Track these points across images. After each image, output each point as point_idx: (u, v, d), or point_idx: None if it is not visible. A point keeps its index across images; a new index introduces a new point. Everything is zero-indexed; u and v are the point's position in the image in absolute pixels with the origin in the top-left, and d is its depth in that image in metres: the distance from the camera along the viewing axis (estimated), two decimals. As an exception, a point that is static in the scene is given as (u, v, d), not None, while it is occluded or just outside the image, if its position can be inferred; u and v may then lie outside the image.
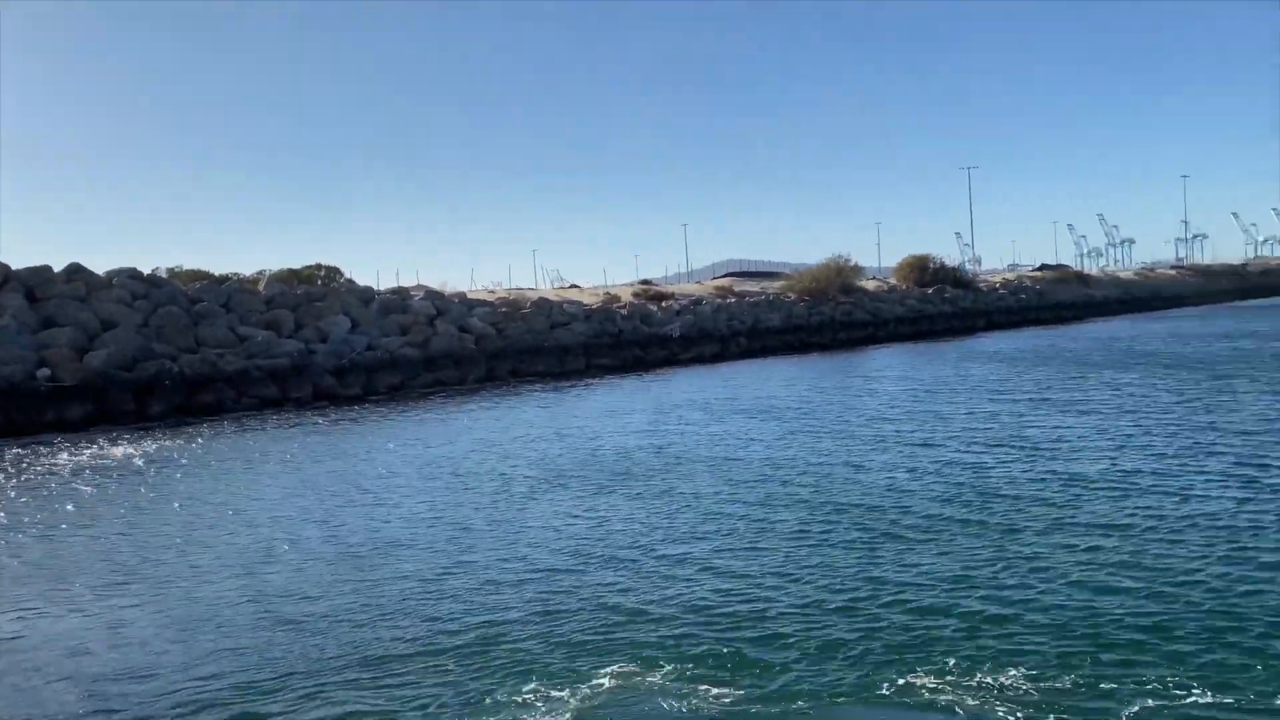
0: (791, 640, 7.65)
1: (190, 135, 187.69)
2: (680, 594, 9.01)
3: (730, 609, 8.48)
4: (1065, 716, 6.13)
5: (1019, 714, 6.17)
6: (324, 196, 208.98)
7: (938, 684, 6.68)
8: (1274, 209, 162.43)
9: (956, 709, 6.32)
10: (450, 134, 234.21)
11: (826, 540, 10.65)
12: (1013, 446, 15.97)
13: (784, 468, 15.24)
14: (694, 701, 6.67)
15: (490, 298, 44.91)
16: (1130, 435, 16.47)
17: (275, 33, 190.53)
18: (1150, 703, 6.24)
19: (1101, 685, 6.52)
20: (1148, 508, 11.21)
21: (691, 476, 14.98)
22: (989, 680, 6.67)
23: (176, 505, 15.00)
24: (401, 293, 41.10)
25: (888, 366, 35.79)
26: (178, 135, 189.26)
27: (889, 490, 13.05)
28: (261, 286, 36.26)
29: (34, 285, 30.26)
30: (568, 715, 6.56)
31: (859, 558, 9.87)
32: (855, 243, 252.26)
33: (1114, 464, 13.95)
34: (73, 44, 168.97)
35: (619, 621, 8.33)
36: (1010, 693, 6.47)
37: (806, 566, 9.67)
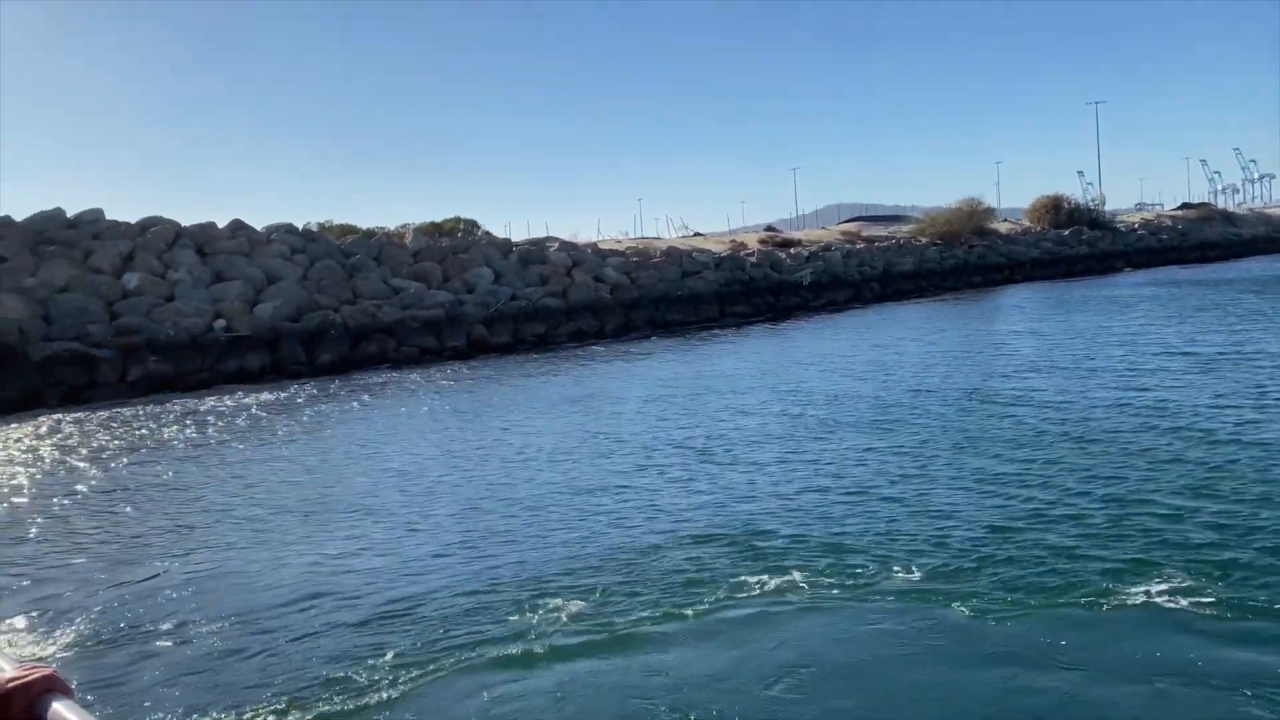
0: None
1: (312, 97, 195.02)
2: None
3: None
4: None
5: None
6: (447, 153, 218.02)
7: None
8: None
9: None
10: (560, 89, 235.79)
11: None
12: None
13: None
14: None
15: (619, 247, 45.00)
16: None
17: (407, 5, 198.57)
18: None
19: None
20: None
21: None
22: None
23: (446, 439, 15.58)
24: (538, 244, 41.52)
25: (1024, 308, 34.56)
26: (306, 99, 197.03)
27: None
28: (407, 240, 37.13)
29: (202, 242, 31.70)
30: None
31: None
32: (970, 184, 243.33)
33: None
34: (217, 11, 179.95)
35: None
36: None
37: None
